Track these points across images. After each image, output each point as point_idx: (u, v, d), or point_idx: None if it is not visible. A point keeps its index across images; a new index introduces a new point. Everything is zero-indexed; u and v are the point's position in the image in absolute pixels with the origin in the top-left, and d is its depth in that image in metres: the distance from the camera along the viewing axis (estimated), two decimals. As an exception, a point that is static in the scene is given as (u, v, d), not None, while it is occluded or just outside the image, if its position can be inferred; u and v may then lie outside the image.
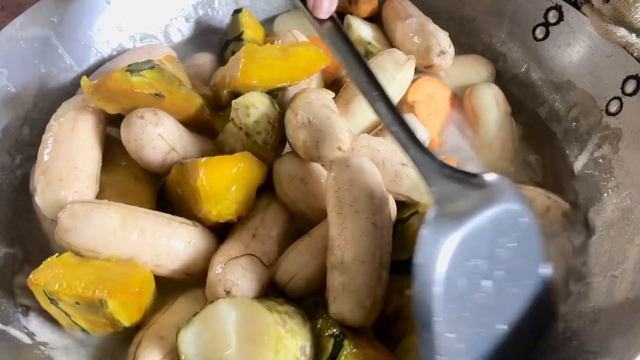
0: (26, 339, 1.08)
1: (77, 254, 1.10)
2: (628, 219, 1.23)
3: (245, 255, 1.11)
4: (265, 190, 1.25)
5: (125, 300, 1.06)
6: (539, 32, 1.53)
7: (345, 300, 1.02)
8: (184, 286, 1.17)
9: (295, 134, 1.17)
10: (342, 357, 0.99)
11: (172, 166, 1.21)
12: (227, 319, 0.99)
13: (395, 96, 1.39)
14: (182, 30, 1.67)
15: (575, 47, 1.46)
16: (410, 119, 1.35)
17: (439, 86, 1.51)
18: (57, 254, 1.09)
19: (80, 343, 1.13)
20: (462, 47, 1.63)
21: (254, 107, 1.22)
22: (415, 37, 1.52)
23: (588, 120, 1.42)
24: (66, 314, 1.08)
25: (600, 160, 1.36)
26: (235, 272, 1.08)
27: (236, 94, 1.27)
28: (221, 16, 1.71)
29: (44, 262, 1.08)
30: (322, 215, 1.19)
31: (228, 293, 1.06)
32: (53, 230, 1.15)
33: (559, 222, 1.29)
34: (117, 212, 1.11)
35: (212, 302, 1.02)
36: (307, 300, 1.12)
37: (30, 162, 1.34)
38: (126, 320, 1.08)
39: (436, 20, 1.63)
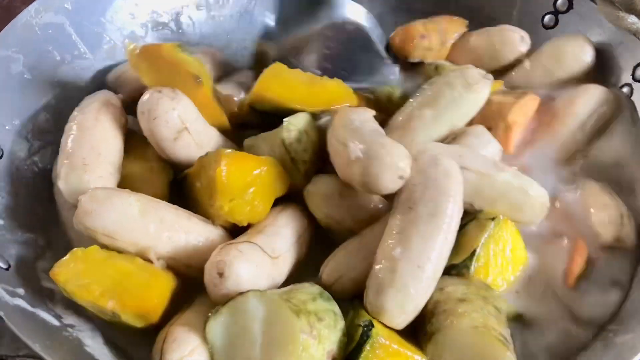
0: (54, 321, 1.08)
1: (95, 238, 1.10)
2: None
3: (245, 242, 1.08)
4: (281, 201, 1.22)
5: (139, 313, 1.05)
6: (549, 21, 1.55)
7: (387, 297, 1.00)
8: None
9: (349, 169, 1.10)
10: (368, 345, 0.98)
11: (184, 149, 1.20)
12: (255, 314, 0.98)
13: (461, 118, 1.29)
14: (193, 18, 1.67)
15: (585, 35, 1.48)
16: (480, 130, 1.28)
17: (536, 105, 1.40)
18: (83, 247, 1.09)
19: (106, 326, 1.13)
20: (472, 36, 1.65)
21: (306, 134, 1.21)
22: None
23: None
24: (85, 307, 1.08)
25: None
26: (229, 254, 1.03)
27: (253, 108, 1.27)
28: (231, 4, 1.71)
29: (69, 253, 1.08)
30: (370, 223, 1.16)
31: (221, 275, 1.01)
32: (72, 217, 1.14)
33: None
34: (138, 200, 1.11)
35: (241, 293, 0.99)
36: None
37: (47, 148, 1.35)
38: (141, 324, 1.06)
39: (445, 10, 1.65)
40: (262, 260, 1.07)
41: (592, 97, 1.36)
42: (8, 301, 1.04)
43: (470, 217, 1.16)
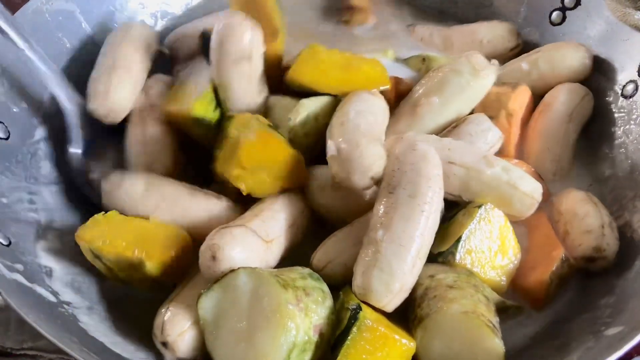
0: (51, 297, 1.10)
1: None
2: None
3: (239, 226, 1.10)
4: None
5: (164, 263, 1.10)
6: (556, 17, 1.54)
7: (373, 278, 1.02)
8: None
9: (330, 162, 1.15)
10: (355, 328, 0.99)
11: (237, 77, 1.24)
12: (245, 289, 1.00)
13: (468, 104, 1.31)
14: (202, 9, 1.69)
15: (592, 31, 1.47)
16: (480, 118, 1.29)
17: (529, 97, 1.43)
18: (103, 213, 1.17)
19: (101, 304, 1.16)
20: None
21: (315, 119, 1.24)
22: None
23: (603, 103, 1.43)
24: (111, 269, 1.14)
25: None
26: (223, 238, 1.06)
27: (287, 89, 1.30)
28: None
29: (90, 219, 1.16)
30: (362, 214, 1.18)
31: (214, 258, 1.04)
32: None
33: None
34: (143, 179, 1.21)
35: (232, 270, 1.02)
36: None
37: (53, 133, 1.37)
38: (165, 277, 1.12)
39: (453, 5, 1.66)
40: (255, 244, 1.09)
41: (572, 91, 1.40)
42: (5, 275, 1.06)
43: (459, 207, 1.17)
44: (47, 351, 1.21)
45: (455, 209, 1.18)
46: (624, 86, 1.40)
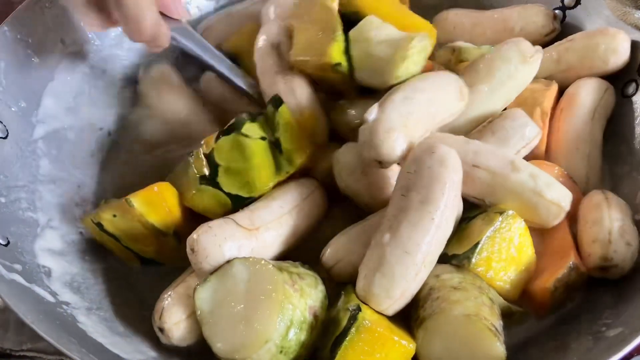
0: (50, 298, 1.10)
1: None
2: None
3: (220, 219, 1.12)
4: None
5: (148, 197, 1.17)
6: (556, 16, 1.54)
7: (374, 282, 1.01)
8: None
9: (364, 122, 1.11)
10: (354, 328, 0.98)
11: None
12: (241, 277, 1.02)
13: (516, 91, 1.28)
14: (201, 8, 1.68)
15: (592, 31, 1.47)
16: (517, 113, 1.24)
17: (557, 93, 1.38)
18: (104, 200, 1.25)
19: (100, 304, 1.17)
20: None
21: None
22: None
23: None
24: (115, 238, 1.19)
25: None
26: (199, 231, 1.07)
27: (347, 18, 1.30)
28: (240, -5, 1.72)
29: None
30: (385, 204, 1.14)
31: (193, 250, 1.05)
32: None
33: None
34: None
35: (228, 261, 1.05)
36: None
37: (50, 132, 1.37)
38: (156, 219, 1.18)
39: (452, 6, 1.65)
40: (232, 233, 1.09)
41: (594, 87, 1.36)
42: (4, 275, 1.06)
43: (480, 210, 1.15)
44: (46, 352, 1.21)
45: (476, 210, 1.15)
46: (625, 85, 1.39)
